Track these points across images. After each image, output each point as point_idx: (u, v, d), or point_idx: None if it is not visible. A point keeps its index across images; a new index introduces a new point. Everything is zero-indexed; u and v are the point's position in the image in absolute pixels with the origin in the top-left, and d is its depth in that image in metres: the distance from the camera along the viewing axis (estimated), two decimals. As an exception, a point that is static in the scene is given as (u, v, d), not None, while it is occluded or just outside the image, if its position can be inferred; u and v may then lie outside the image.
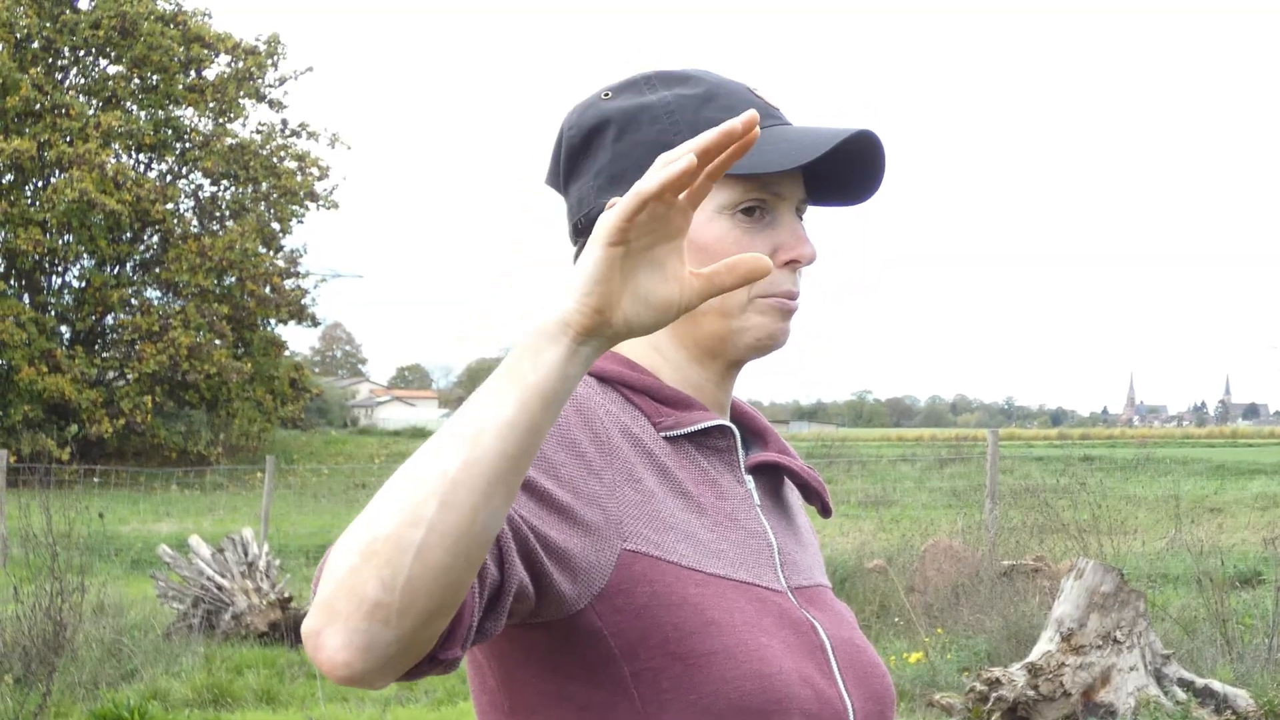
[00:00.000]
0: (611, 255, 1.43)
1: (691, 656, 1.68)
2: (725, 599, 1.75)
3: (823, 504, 2.02)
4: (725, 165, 1.45)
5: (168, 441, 43.52)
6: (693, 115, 1.89)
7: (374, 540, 1.40)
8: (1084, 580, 9.91)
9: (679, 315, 1.50)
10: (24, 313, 41.90)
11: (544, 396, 1.42)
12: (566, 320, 1.43)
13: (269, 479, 21.98)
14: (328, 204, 47.75)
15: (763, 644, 1.73)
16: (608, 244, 1.42)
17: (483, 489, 1.40)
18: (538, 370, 1.42)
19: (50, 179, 43.24)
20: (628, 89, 1.94)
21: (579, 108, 1.97)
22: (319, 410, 67.63)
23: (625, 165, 1.89)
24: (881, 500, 25.27)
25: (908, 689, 11.00)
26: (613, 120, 1.91)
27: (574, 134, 1.94)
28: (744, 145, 1.44)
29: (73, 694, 11.04)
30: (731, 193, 1.87)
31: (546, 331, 1.43)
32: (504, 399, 1.42)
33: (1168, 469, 33.33)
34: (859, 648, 1.89)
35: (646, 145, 1.88)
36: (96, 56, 45.90)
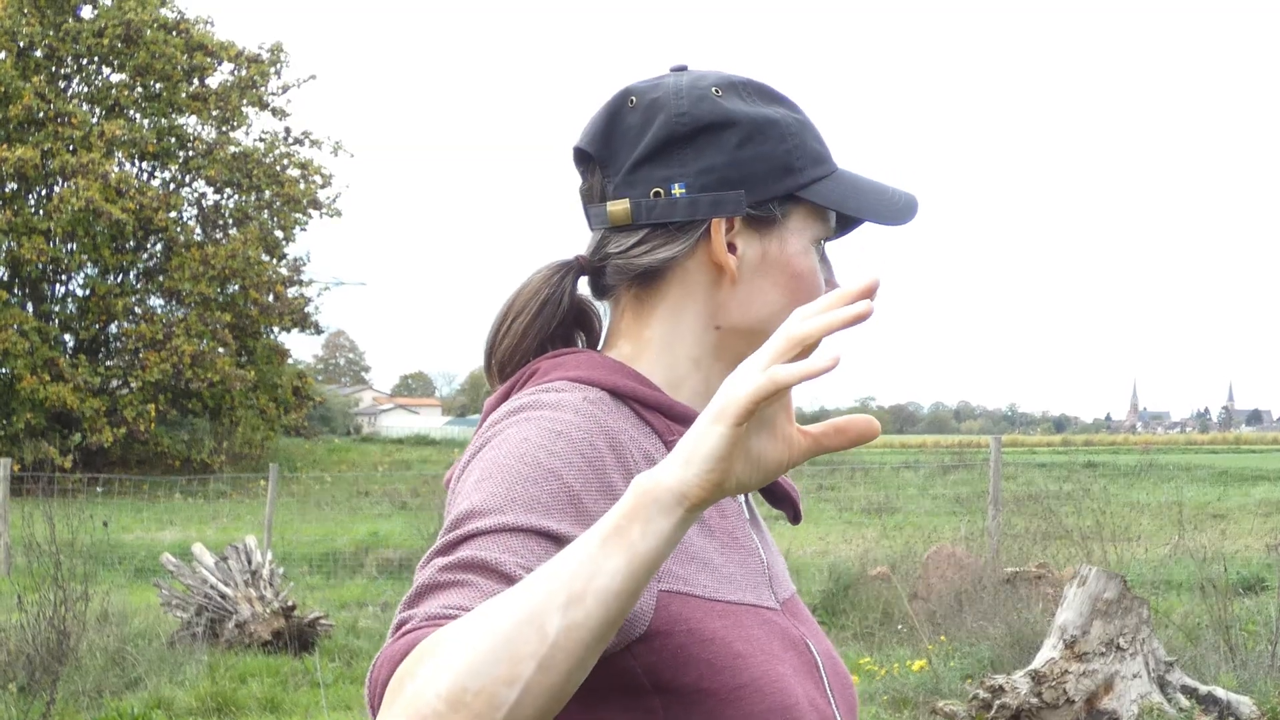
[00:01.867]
0: (737, 434, 1.37)
1: (723, 691, 1.66)
2: (744, 627, 1.73)
3: (794, 511, 1.98)
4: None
5: (171, 450, 43.50)
6: (808, 143, 1.89)
7: (464, 691, 1.35)
8: (1087, 587, 9.90)
9: (786, 472, 1.46)
10: (27, 321, 41.90)
11: (650, 566, 1.39)
12: (685, 493, 1.38)
13: (272, 487, 21.97)
14: (331, 212, 47.77)
15: (781, 674, 1.72)
16: (735, 424, 1.37)
17: (581, 653, 1.38)
18: (648, 539, 1.38)
19: (54, 188, 43.25)
20: (734, 92, 1.88)
21: (688, 95, 1.87)
22: (322, 418, 67.59)
23: (743, 174, 1.84)
24: (885, 507, 25.28)
25: (911, 696, 11.00)
26: (739, 124, 1.85)
27: (685, 122, 1.85)
28: (861, 316, 1.40)
29: (76, 702, 11.04)
30: (824, 227, 1.89)
31: (662, 501, 1.38)
32: (611, 564, 1.37)
33: (1171, 475, 33.33)
34: (835, 659, 1.90)
35: (770, 162, 1.85)
36: (99, 65, 45.92)
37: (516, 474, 1.62)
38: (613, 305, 1.92)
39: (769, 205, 1.85)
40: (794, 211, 1.86)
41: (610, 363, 1.84)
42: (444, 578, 1.52)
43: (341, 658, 13.13)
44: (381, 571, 19.82)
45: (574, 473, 1.64)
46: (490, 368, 1.91)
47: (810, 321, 1.39)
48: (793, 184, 1.85)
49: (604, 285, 1.91)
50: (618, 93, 1.90)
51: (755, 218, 1.85)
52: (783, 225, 1.86)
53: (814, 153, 1.87)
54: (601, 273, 1.90)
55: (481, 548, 1.54)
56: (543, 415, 1.70)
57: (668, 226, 1.85)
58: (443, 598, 1.50)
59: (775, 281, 1.85)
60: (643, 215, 1.85)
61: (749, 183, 1.84)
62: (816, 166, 1.87)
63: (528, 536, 1.56)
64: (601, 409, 1.75)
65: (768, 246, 1.85)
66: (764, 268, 1.85)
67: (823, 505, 27.26)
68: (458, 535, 1.57)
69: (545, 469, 1.62)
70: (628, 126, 1.88)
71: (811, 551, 18.73)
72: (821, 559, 17.07)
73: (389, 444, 56.90)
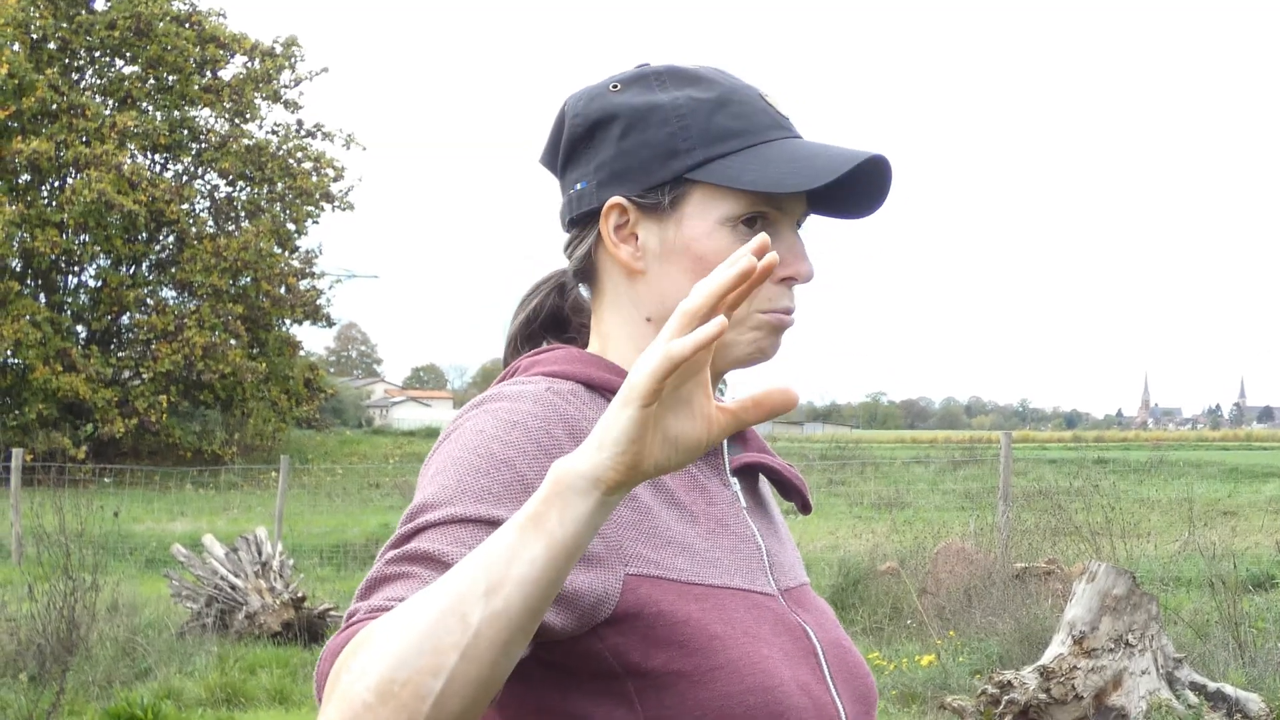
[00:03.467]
0: (646, 414, 1.38)
1: (696, 673, 1.67)
2: (725, 610, 1.73)
3: (802, 501, 2.00)
4: (741, 300, 1.41)
5: (182, 441, 43.57)
6: (705, 121, 1.85)
7: (391, 683, 1.38)
8: (1096, 583, 9.90)
9: (706, 451, 1.45)
10: (40, 312, 41.98)
11: (570, 551, 1.40)
12: (599, 476, 1.39)
13: (283, 479, 22.00)
14: (343, 205, 47.78)
15: (764, 655, 1.72)
16: (642, 405, 1.37)
17: (504, 641, 1.39)
18: (565, 525, 1.39)
19: (67, 179, 43.32)
20: (637, 83, 1.90)
21: (585, 95, 1.92)
22: (334, 410, 67.72)
23: (629, 164, 1.86)
24: (895, 502, 25.25)
25: (919, 691, 11.00)
26: (620, 115, 1.87)
27: (578, 123, 1.90)
28: (757, 281, 1.40)
29: (86, 692, 11.06)
30: (735, 205, 1.84)
31: (576, 486, 1.39)
32: (529, 552, 1.39)
33: (1181, 472, 33.31)
34: (845, 649, 1.89)
35: (654, 147, 1.85)
36: (112, 57, 45.97)
37: (469, 465, 1.65)
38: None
39: (656, 191, 1.85)
40: (690, 194, 1.85)
41: (586, 356, 1.87)
42: (390, 570, 1.56)
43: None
44: (392, 564, 19.80)
45: (527, 461, 1.65)
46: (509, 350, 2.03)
47: (697, 294, 1.39)
48: (679, 166, 1.84)
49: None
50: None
51: (647, 205, 1.85)
52: (678, 210, 1.85)
53: (716, 130, 1.85)
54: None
55: (429, 540, 1.57)
56: (500, 407, 1.73)
57: (580, 225, 1.91)
58: (388, 590, 1.54)
59: (681, 267, 1.85)
60: (563, 216, 1.95)
61: (635, 171, 1.86)
62: (715, 144, 1.84)
63: (476, 527, 1.58)
64: (567, 398, 1.77)
65: (665, 233, 1.85)
66: (666, 254, 1.85)
67: (833, 500, 27.25)
68: (409, 529, 1.61)
69: (498, 459, 1.65)
70: (554, 136, 1.96)
71: (821, 546, 18.74)
72: (831, 553, 17.07)
73: (400, 436, 56.91)
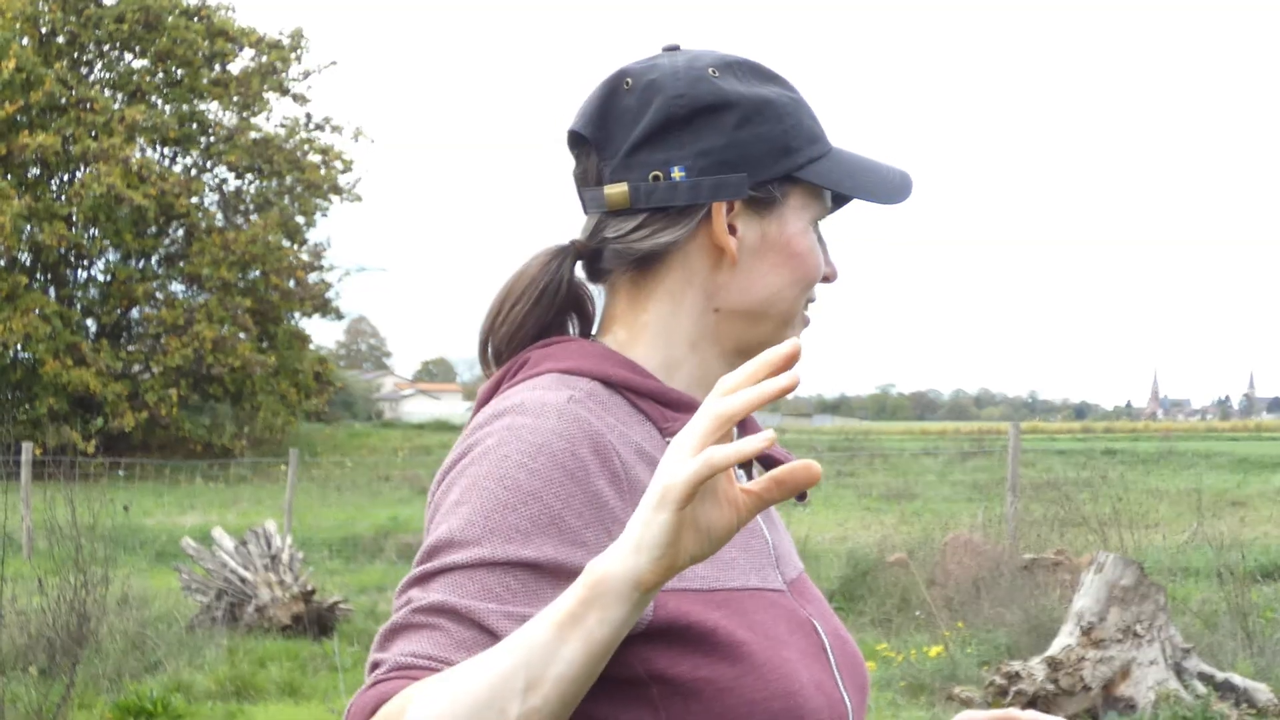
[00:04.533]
0: (682, 518, 1.38)
1: (722, 680, 1.65)
2: (746, 614, 1.72)
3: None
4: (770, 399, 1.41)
5: (192, 434, 43.62)
6: (805, 121, 1.87)
7: None
8: (1104, 574, 9.91)
9: (734, 535, 1.45)
10: (49, 306, 42.02)
11: (607, 649, 1.42)
12: (639, 580, 1.40)
13: (292, 472, 22.05)
14: (351, 198, 47.82)
15: (785, 658, 1.71)
16: (678, 510, 1.37)
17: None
18: (604, 626, 1.40)
19: (76, 173, 43.39)
20: (729, 73, 1.86)
21: (684, 75, 1.84)
22: (344, 403, 67.66)
23: (743, 155, 1.82)
24: (903, 493, 25.30)
25: (928, 682, 11.01)
26: (737, 105, 1.83)
27: (682, 104, 1.82)
28: (786, 389, 1.40)
29: (96, 685, 11.08)
30: (820, 207, 1.87)
31: (616, 590, 1.40)
32: (568, 651, 1.41)
33: (1190, 462, 33.32)
34: (844, 639, 1.88)
35: (770, 142, 1.83)
36: (121, 51, 46.01)
37: (495, 498, 1.62)
38: (608, 290, 1.89)
39: (769, 186, 1.83)
40: (793, 192, 1.85)
41: (602, 350, 1.83)
42: (416, 620, 1.56)
43: (361, 642, 13.16)
44: (401, 556, 19.84)
45: (554, 490, 1.63)
46: (485, 355, 1.89)
47: (736, 399, 1.39)
48: (791, 164, 1.83)
49: (600, 269, 1.88)
50: (612, 74, 1.87)
51: (755, 199, 1.83)
52: (782, 206, 1.84)
53: (810, 132, 1.86)
54: (598, 257, 1.87)
55: (455, 587, 1.57)
56: (524, 425, 1.67)
57: (668, 210, 1.82)
58: (414, 642, 1.54)
59: (774, 263, 1.84)
60: (641, 199, 1.83)
61: (748, 164, 1.82)
62: (812, 146, 1.86)
63: (504, 572, 1.58)
64: (589, 406, 1.73)
65: (767, 228, 1.84)
66: (763, 249, 1.84)
67: (842, 491, 27.29)
68: (434, 567, 1.60)
69: (525, 491, 1.62)
70: (624, 109, 1.85)
71: (830, 537, 18.76)
72: (840, 545, 17.10)
73: (410, 429, 56.96)
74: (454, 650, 1.53)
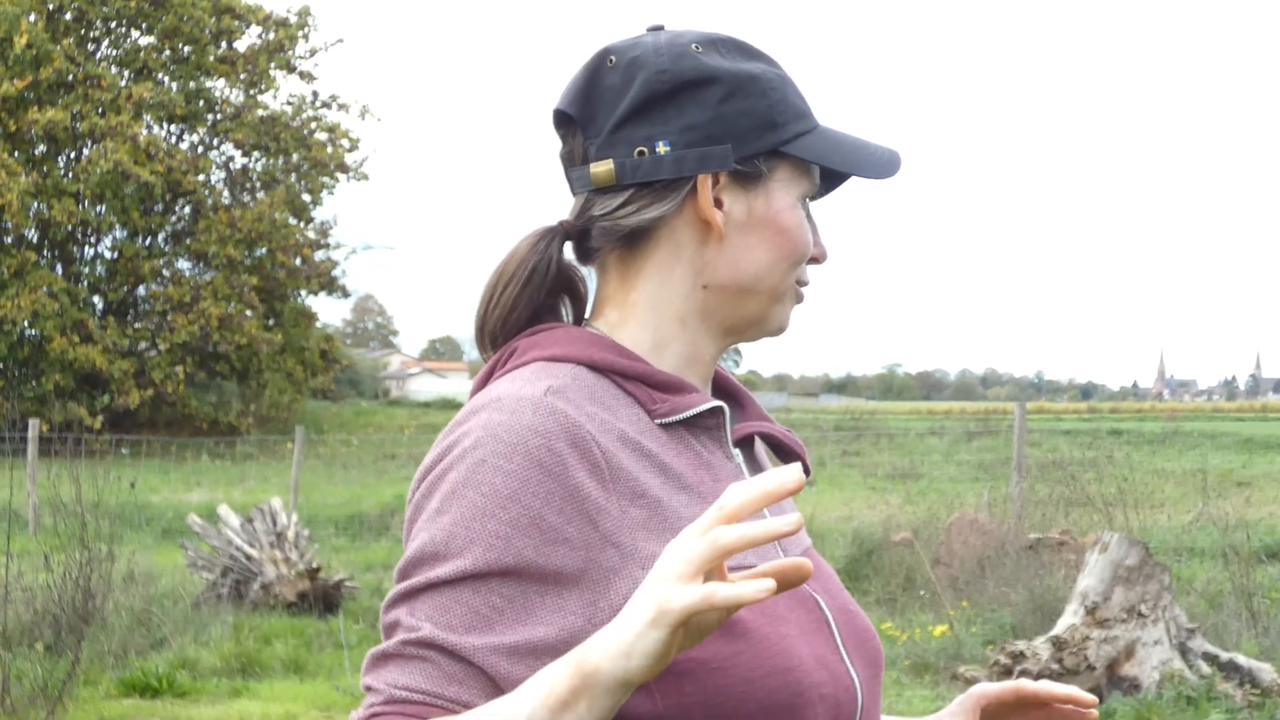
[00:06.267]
0: (675, 634, 1.43)
1: (715, 659, 1.65)
2: None
3: (803, 468, 1.98)
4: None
5: (199, 412, 43.67)
6: (791, 97, 1.87)
7: None
8: (1109, 554, 9.91)
9: (719, 627, 1.51)
10: (56, 283, 42.07)
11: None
12: (628, 681, 1.45)
13: (298, 449, 22.05)
14: (358, 175, 47.82)
15: (782, 634, 1.71)
16: (672, 631, 1.42)
17: None
18: (594, 712, 1.46)
19: (83, 150, 43.38)
20: (713, 48, 1.86)
21: (667, 51, 1.85)
22: (350, 381, 67.74)
23: (727, 129, 1.82)
24: (909, 473, 25.28)
25: (932, 662, 11.02)
26: (721, 79, 1.83)
27: (665, 79, 1.83)
28: (791, 532, 1.44)
29: (102, 662, 11.11)
30: (809, 184, 1.88)
31: (605, 685, 1.45)
32: None
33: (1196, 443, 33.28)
34: (852, 614, 1.88)
35: (755, 116, 1.83)
36: (128, 28, 45.98)
37: (474, 506, 1.64)
38: (598, 271, 1.90)
39: (754, 161, 1.83)
40: (779, 167, 1.85)
41: (588, 336, 1.83)
42: (406, 651, 1.61)
43: (366, 620, 13.18)
44: (407, 535, 19.82)
45: (532, 490, 1.64)
46: (482, 340, 1.90)
47: (737, 535, 1.41)
48: (776, 139, 1.83)
49: (589, 249, 1.89)
50: (596, 53, 1.88)
51: (741, 174, 1.83)
52: (768, 180, 1.84)
53: (796, 108, 1.86)
54: (587, 236, 1.88)
55: (442, 612, 1.62)
56: (499, 423, 1.68)
57: (653, 185, 1.83)
58: (406, 673, 1.60)
59: (762, 238, 1.84)
60: (627, 175, 1.83)
61: (734, 138, 1.82)
62: (799, 122, 1.86)
63: (488, 588, 1.62)
64: (569, 395, 1.73)
65: (753, 203, 1.84)
66: (750, 224, 1.84)
67: (847, 471, 27.26)
68: (419, 583, 1.64)
69: (503, 495, 1.64)
70: (608, 86, 1.85)
71: (835, 517, 18.75)
72: (845, 524, 17.08)
73: (416, 407, 56.94)
74: (445, 684, 1.58)
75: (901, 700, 9.89)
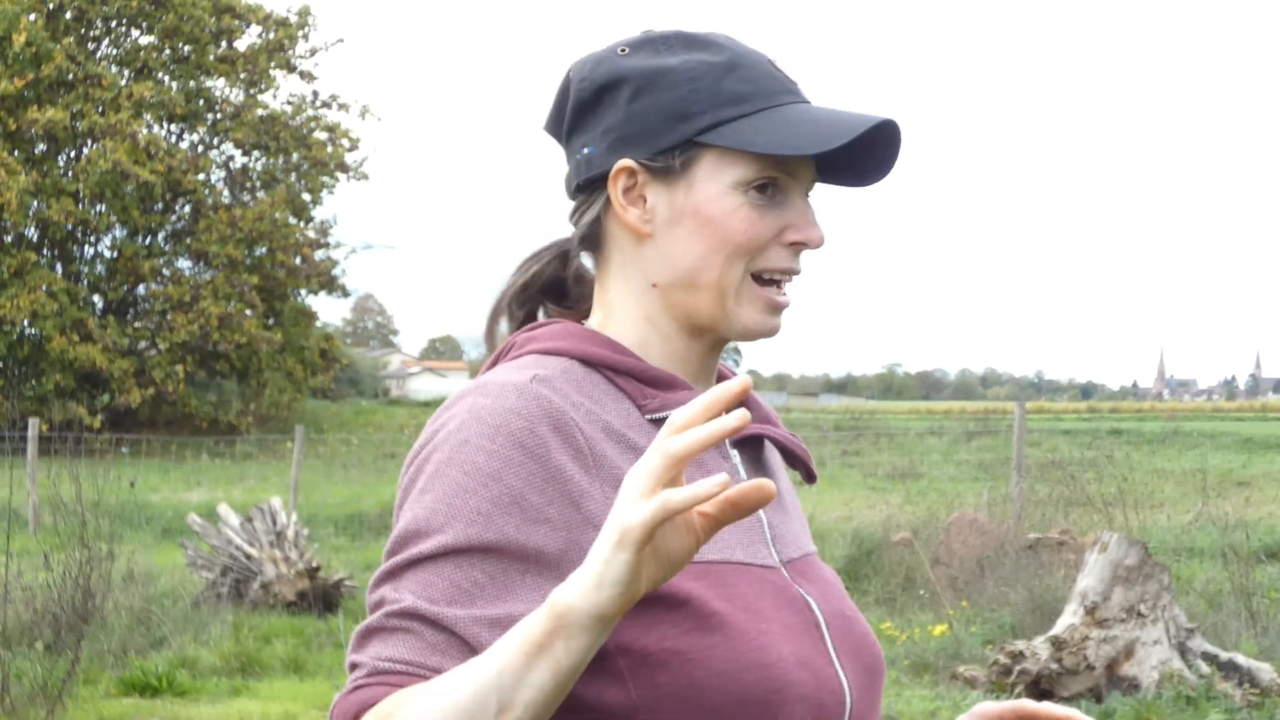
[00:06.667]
0: (641, 556, 1.44)
1: (690, 650, 1.67)
2: (726, 585, 1.73)
3: (806, 470, 1.98)
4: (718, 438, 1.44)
5: (198, 411, 43.66)
6: (715, 84, 1.83)
7: None
8: (1108, 553, 9.91)
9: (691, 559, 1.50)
10: (56, 282, 42.07)
11: (575, 672, 1.49)
12: (600, 614, 1.45)
13: (298, 449, 22.05)
14: (358, 175, 47.81)
15: (762, 630, 1.71)
16: (637, 550, 1.43)
17: None
18: (570, 654, 1.47)
19: (83, 149, 43.38)
20: (645, 47, 1.88)
21: (591, 60, 1.90)
22: (351, 381, 67.71)
23: (639, 127, 1.84)
24: (908, 473, 25.27)
25: (932, 661, 11.02)
26: (629, 79, 1.85)
27: (585, 87, 1.88)
28: (737, 401, 1.46)
29: (102, 661, 11.11)
30: (747, 169, 1.83)
31: (579, 623, 1.46)
32: (536, 677, 1.47)
33: (1196, 442, 33.27)
34: (850, 619, 1.87)
35: (664, 110, 1.83)
36: (128, 27, 45.99)
37: (456, 484, 1.67)
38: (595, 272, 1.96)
39: (667, 155, 1.84)
40: (702, 158, 1.83)
41: (581, 331, 1.87)
42: (390, 623, 1.63)
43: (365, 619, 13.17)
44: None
45: (514, 470, 1.67)
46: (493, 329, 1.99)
47: (685, 439, 1.42)
48: (690, 129, 1.82)
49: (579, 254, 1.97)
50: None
51: (658, 169, 1.84)
52: (690, 172, 1.83)
53: (726, 94, 1.83)
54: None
55: (424, 586, 1.63)
56: (483, 406, 1.72)
57: (588, 190, 1.89)
58: (390, 646, 1.61)
59: (689, 230, 1.83)
60: (569, 182, 1.92)
61: (645, 135, 1.84)
62: (726, 108, 1.83)
63: (469, 562, 1.64)
64: (556, 385, 1.76)
65: (674, 197, 1.84)
66: (675, 218, 1.84)
67: (847, 471, 27.26)
68: (403, 560, 1.66)
69: (485, 474, 1.66)
70: (559, 102, 1.93)
71: (835, 517, 18.75)
72: (845, 524, 17.08)
73: (416, 407, 56.87)
74: (428, 654, 1.60)
75: (901, 700, 9.89)
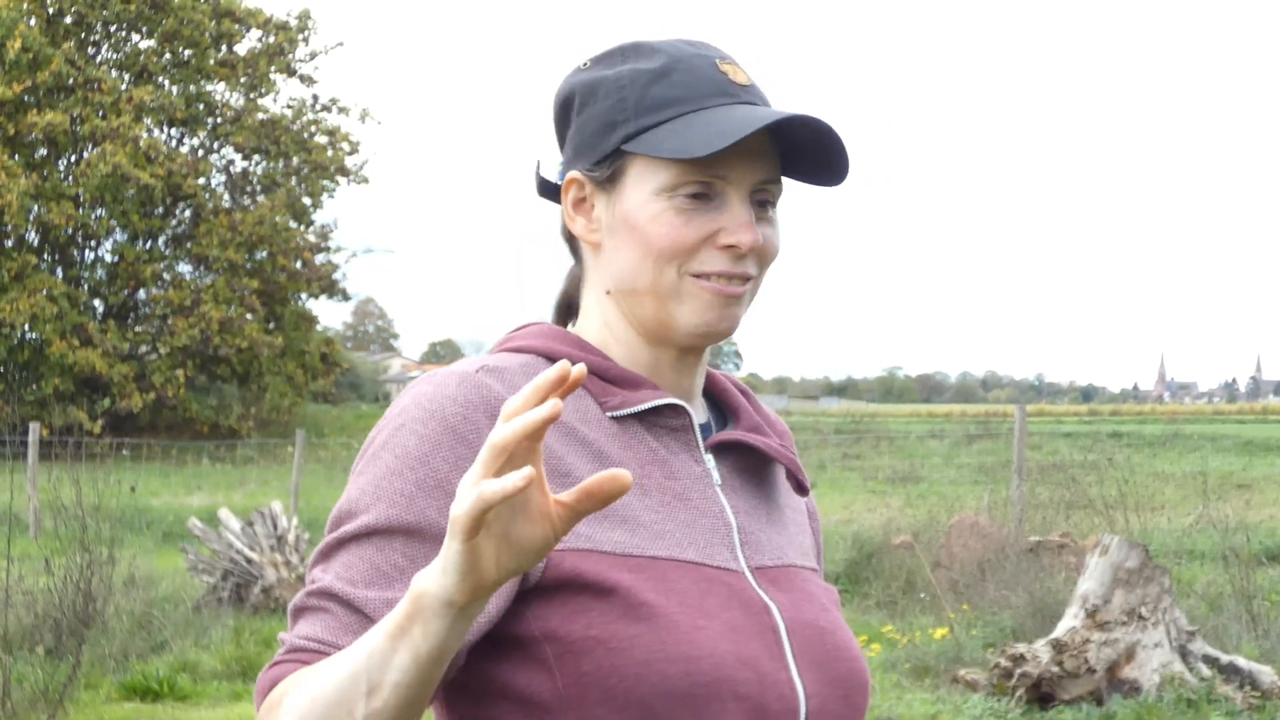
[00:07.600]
0: (471, 546, 1.44)
1: (614, 639, 1.67)
2: (664, 580, 1.73)
3: (797, 483, 1.98)
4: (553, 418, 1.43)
5: (199, 415, 43.65)
6: (641, 92, 1.84)
7: None
8: (1109, 556, 9.91)
9: (553, 548, 1.49)
10: (56, 287, 42.04)
11: (436, 658, 1.51)
12: (449, 599, 1.47)
13: (299, 453, 22.05)
14: (358, 179, 47.80)
15: (698, 626, 1.71)
16: (467, 539, 1.43)
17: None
18: (428, 639, 1.49)
19: (83, 153, 43.37)
20: (603, 60, 1.91)
21: (563, 78, 1.95)
22: (351, 385, 67.73)
23: (582, 139, 1.88)
24: (909, 476, 25.25)
25: (932, 665, 11.01)
26: (578, 92, 1.90)
27: (553, 104, 1.94)
28: (569, 388, 1.45)
29: (103, 666, 11.11)
30: (669, 175, 1.82)
31: (431, 608, 1.48)
32: (399, 660, 1.51)
33: (1196, 445, 33.26)
34: (823, 630, 1.84)
35: (598, 121, 1.86)
36: (128, 31, 45.99)
37: (386, 466, 1.72)
38: None
39: (601, 165, 1.87)
40: (630, 166, 1.85)
41: (554, 331, 1.91)
42: (310, 603, 1.69)
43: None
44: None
45: (443, 454, 1.70)
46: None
47: (507, 429, 1.43)
48: (616, 139, 1.85)
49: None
50: None
51: (597, 179, 1.88)
52: (619, 182, 1.86)
53: (652, 100, 1.84)
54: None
55: (346, 568, 1.69)
56: (424, 393, 1.76)
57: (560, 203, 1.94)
58: (309, 624, 1.68)
59: (624, 239, 1.86)
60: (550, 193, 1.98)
61: (585, 147, 1.88)
62: (648, 115, 1.83)
63: (390, 545, 1.68)
64: (507, 376, 1.79)
65: (613, 206, 1.86)
66: (614, 227, 1.87)
67: (847, 474, 27.27)
68: (333, 540, 1.72)
69: (414, 457, 1.71)
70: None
71: (835, 520, 18.75)
72: (845, 527, 17.08)
73: (416, 411, 56.78)
74: (341, 634, 1.65)
75: (902, 703, 9.89)
